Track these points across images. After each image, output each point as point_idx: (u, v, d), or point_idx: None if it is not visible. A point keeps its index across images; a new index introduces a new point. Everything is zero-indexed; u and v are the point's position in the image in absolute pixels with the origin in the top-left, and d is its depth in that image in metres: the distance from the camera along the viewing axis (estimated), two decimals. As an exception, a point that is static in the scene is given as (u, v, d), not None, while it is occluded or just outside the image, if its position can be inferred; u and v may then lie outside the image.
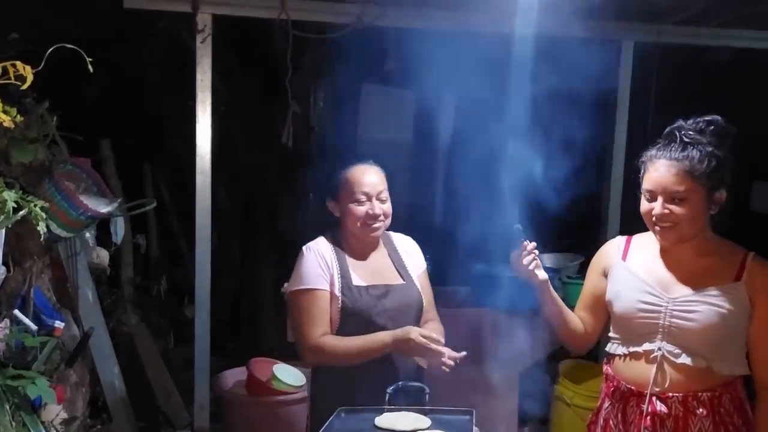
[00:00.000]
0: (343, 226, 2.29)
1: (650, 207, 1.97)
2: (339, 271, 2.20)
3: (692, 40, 4.29)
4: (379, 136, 4.78)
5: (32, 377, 2.17)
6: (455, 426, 1.87)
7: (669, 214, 1.93)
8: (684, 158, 1.91)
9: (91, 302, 3.26)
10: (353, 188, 2.22)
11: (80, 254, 3.21)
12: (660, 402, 1.96)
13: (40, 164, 2.82)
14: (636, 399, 2.01)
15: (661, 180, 1.93)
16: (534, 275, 2.08)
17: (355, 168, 2.25)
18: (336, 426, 1.90)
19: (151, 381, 4.21)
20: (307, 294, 2.15)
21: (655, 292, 1.99)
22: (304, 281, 2.17)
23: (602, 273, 2.15)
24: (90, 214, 2.87)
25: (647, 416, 1.97)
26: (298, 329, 2.16)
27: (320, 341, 2.11)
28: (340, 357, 2.12)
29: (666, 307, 1.96)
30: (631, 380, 2.02)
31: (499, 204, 3.07)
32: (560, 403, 3.94)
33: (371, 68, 3.96)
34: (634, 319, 2.01)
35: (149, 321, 4.59)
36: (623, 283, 2.06)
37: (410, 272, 2.36)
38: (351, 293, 2.17)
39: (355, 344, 2.10)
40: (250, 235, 5.36)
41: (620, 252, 2.13)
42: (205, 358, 3.84)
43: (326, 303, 2.16)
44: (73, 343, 2.96)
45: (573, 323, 2.17)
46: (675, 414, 1.94)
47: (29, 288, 2.67)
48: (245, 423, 3.57)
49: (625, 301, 2.03)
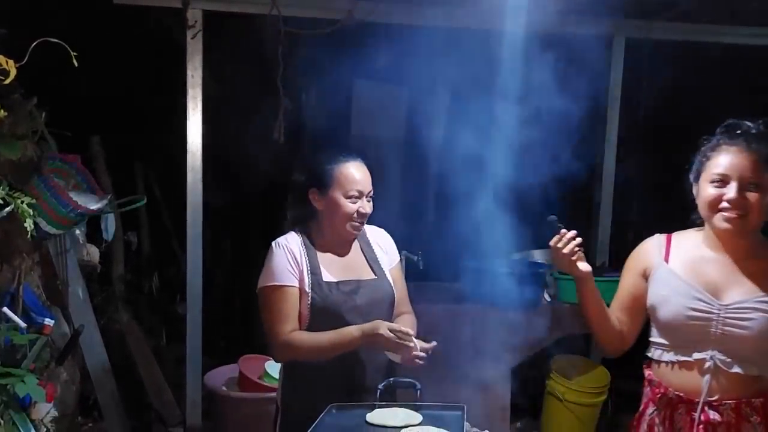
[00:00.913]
0: (322, 221, 2.25)
1: (720, 193, 1.87)
2: (309, 267, 2.18)
3: (684, 37, 4.30)
4: (371, 132, 4.77)
5: (21, 375, 2.16)
6: (447, 421, 1.86)
7: (743, 200, 1.84)
8: (759, 149, 1.86)
9: (82, 299, 3.24)
10: (348, 184, 2.19)
11: (70, 251, 3.19)
12: (712, 410, 1.89)
13: (28, 161, 2.80)
14: (685, 406, 1.93)
15: (737, 165, 1.86)
16: (576, 266, 2.00)
17: (350, 164, 2.22)
18: (327, 422, 1.90)
19: (142, 378, 4.20)
20: (276, 290, 2.14)
21: (704, 297, 1.90)
22: (272, 278, 2.16)
23: (641, 274, 2.06)
24: (80, 211, 2.85)
25: (699, 425, 1.90)
26: (268, 326, 2.15)
27: (289, 337, 2.10)
28: (309, 353, 2.11)
29: (718, 315, 1.87)
30: (680, 388, 1.95)
31: (491, 199, 3.08)
32: (552, 398, 3.94)
33: (363, 64, 3.94)
34: (683, 326, 1.92)
35: (141, 318, 4.58)
36: (669, 287, 1.96)
37: (383, 266, 2.33)
38: (321, 289, 2.16)
39: (324, 339, 2.09)
40: (242, 231, 5.34)
41: (662, 252, 2.03)
42: (197, 356, 3.83)
43: (295, 299, 2.15)
44: (63, 341, 2.94)
45: (613, 322, 2.08)
46: (727, 421, 1.88)
47: (18, 285, 2.66)
48: (237, 420, 3.56)
49: (672, 307, 1.93)
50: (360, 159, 2.25)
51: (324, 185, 2.21)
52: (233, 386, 3.72)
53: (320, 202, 2.23)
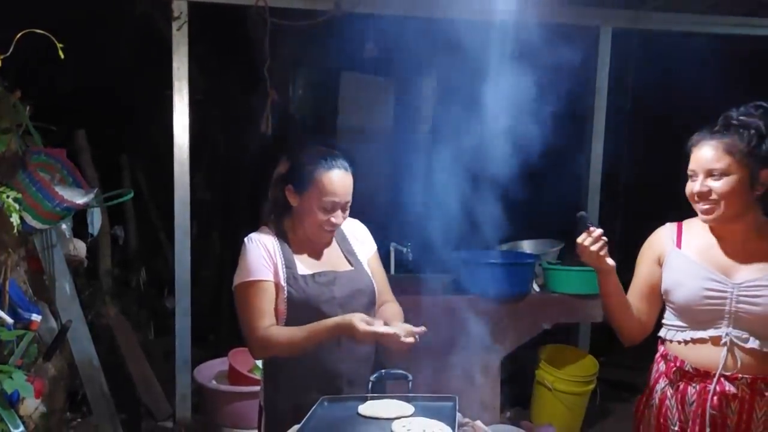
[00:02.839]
0: (295, 218, 2.21)
1: (692, 186, 1.99)
2: (283, 261, 2.13)
3: (671, 26, 4.31)
4: (358, 124, 4.76)
5: (9, 371, 2.14)
6: (439, 412, 1.86)
7: (708, 192, 1.94)
8: (725, 137, 1.94)
9: (69, 294, 3.21)
10: (325, 194, 2.11)
11: (56, 246, 3.15)
12: (728, 383, 1.96)
13: (13, 155, 2.76)
14: (700, 379, 2.00)
15: (701, 158, 1.96)
16: (603, 262, 2.05)
17: (332, 172, 2.11)
18: (319, 415, 1.89)
19: (131, 373, 4.18)
20: (252, 286, 2.09)
21: (717, 278, 1.97)
22: (247, 273, 2.10)
23: (656, 261, 2.12)
24: (66, 205, 2.82)
25: (714, 396, 1.96)
26: (245, 322, 2.10)
27: (266, 333, 2.05)
28: (286, 347, 2.06)
29: (732, 293, 1.95)
30: (696, 362, 2.01)
31: (479, 190, 3.08)
32: (541, 387, 3.97)
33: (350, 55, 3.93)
34: (698, 306, 1.98)
35: (128, 313, 4.55)
36: (683, 271, 2.03)
37: (359, 258, 2.29)
38: (297, 283, 2.11)
39: (300, 333, 2.04)
40: (231, 224, 5.32)
41: (674, 239, 2.10)
42: (186, 350, 3.82)
43: (271, 294, 2.11)
44: (50, 337, 2.91)
45: (633, 312, 2.14)
46: (741, 396, 1.95)
47: (4, 281, 2.63)
48: (227, 413, 3.56)
49: (688, 289, 2.00)
50: (344, 167, 2.14)
51: (301, 185, 2.14)
52: (223, 380, 3.72)
53: (295, 199, 2.17)
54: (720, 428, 1.99)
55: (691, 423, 2.02)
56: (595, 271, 2.09)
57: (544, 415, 3.98)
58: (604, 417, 4.41)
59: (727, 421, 1.98)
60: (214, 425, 3.65)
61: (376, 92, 4.73)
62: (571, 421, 3.98)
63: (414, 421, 1.81)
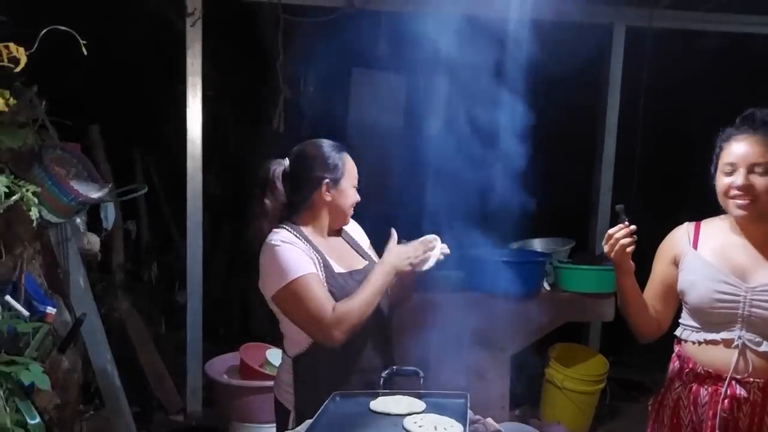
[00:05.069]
0: (327, 213, 2.21)
1: (730, 181, 1.95)
2: (320, 261, 2.11)
3: (684, 25, 4.30)
4: (370, 120, 4.76)
5: (26, 363, 2.16)
6: (450, 409, 1.86)
7: (750, 186, 1.92)
8: (765, 133, 1.92)
9: (83, 288, 3.24)
10: (353, 173, 2.21)
11: (71, 240, 3.18)
12: (740, 386, 1.95)
13: (29, 149, 2.79)
14: (712, 381, 1.99)
15: (743, 152, 1.93)
16: (627, 258, 2.03)
17: (345, 153, 2.22)
18: (331, 410, 1.90)
19: (143, 366, 4.21)
20: (302, 281, 2.02)
21: (731, 281, 1.96)
22: (292, 272, 2.03)
23: (672, 261, 2.11)
24: (81, 200, 2.85)
25: (725, 399, 1.95)
26: (309, 316, 2.02)
27: (338, 312, 2.00)
28: (361, 312, 2.03)
29: (745, 297, 1.93)
30: (708, 364, 2.00)
31: (491, 188, 3.08)
32: (551, 386, 3.97)
33: (362, 52, 3.94)
34: (711, 309, 1.97)
35: (141, 307, 4.58)
36: (697, 272, 2.02)
37: (365, 250, 2.34)
38: (336, 281, 2.10)
39: (363, 296, 2.05)
40: (242, 219, 5.33)
41: (690, 239, 2.08)
42: (197, 344, 3.85)
43: (322, 283, 2.06)
44: (65, 329, 2.94)
45: (649, 312, 2.14)
46: (753, 399, 1.94)
47: (20, 274, 2.66)
48: (238, 408, 3.58)
49: (700, 291, 1.99)
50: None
51: (335, 174, 2.17)
52: (235, 374, 3.74)
53: (330, 194, 2.17)
54: (732, 431, 1.97)
55: (703, 425, 2.01)
56: (615, 269, 2.07)
57: (553, 414, 3.99)
58: (614, 416, 4.41)
59: (739, 423, 1.97)
60: (225, 419, 3.67)
61: (388, 88, 4.73)
62: (581, 420, 3.98)
63: (426, 417, 1.81)
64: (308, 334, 2.09)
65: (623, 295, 2.11)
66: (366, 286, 2.07)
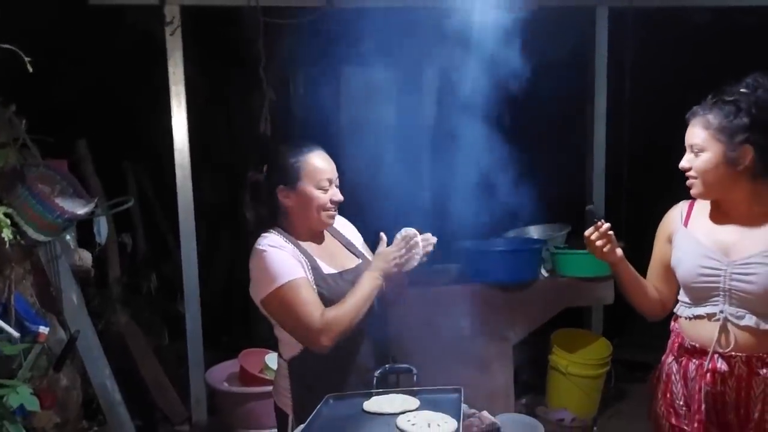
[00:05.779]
0: (295, 217, 2.17)
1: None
2: (308, 263, 2.10)
3: (666, 3, 4.26)
4: (359, 118, 4.74)
5: (14, 386, 2.14)
6: (444, 405, 1.85)
7: (688, 168, 2.00)
8: (708, 113, 1.96)
9: (76, 305, 3.22)
10: (318, 174, 2.13)
11: (61, 257, 3.16)
12: (722, 360, 1.98)
13: (11, 169, 2.77)
14: (699, 356, 2.04)
15: (688, 135, 2.01)
16: (610, 254, 2.10)
17: (314, 154, 2.15)
18: (324, 413, 1.89)
19: (145, 378, 4.20)
20: (290, 286, 2.02)
21: (714, 256, 1.99)
22: (280, 277, 2.03)
23: (667, 240, 2.17)
24: (67, 217, 2.83)
25: (707, 373, 1.99)
26: (297, 321, 2.01)
27: (326, 318, 1.99)
28: (350, 320, 2.02)
29: (725, 271, 1.97)
30: (695, 338, 2.05)
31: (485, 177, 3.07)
32: (555, 372, 3.95)
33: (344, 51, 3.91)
34: (694, 283, 2.03)
35: (141, 319, 4.56)
36: (684, 249, 2.07)
37: (359, 248, 2.32)
38: (325, 282, 2.09)
39: (353, 301, 2.04)
40: (238, 226, 5.31)
41: (682, 218, 2.14)
42: (198, 352, 3.83)
43: (311, 287, 2.05)
44: (60, 348, 2.93)
45: (650, 293, 2.20)
46: (738, 374, 1.97)
47: (9, 295, 2.64)
48: (241, 415, 3.56)
49: (686, 267, 2.05)
50: (318, 147, 2.18)
51: (292, 179, 2.13)
52: (235, 381, 3.73)
53: (289, 197, 2.15)
54: (719, 405, 2.00)
55: (692, 399, 2.04)
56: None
57: (559, 400, 3.97)
58: (621, 398, 4.39)
59: (725, 398, 1.99)
60: (229, 427, 3.66)
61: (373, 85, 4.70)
62: (587, 404, 3.96)
63: (419, 414, 1.80)
64: (296, 339, 2.08)
65: (619, 280, 2.18)
66: (355, 292, 2.06)
